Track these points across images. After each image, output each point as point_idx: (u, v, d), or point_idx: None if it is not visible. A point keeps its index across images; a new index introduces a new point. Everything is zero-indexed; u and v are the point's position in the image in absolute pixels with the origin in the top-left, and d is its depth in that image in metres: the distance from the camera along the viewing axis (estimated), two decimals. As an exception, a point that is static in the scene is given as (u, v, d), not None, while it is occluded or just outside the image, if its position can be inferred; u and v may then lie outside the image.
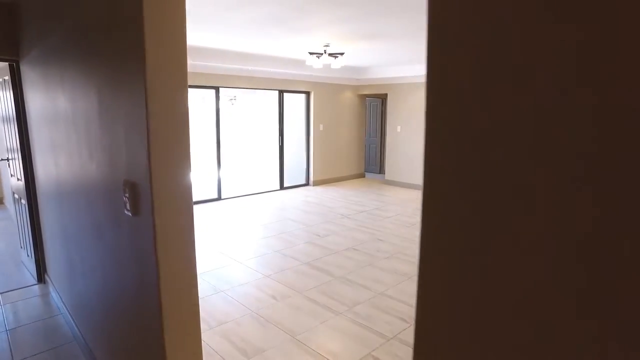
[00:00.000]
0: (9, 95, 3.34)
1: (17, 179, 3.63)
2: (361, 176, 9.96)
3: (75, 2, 1.76)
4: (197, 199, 7.04)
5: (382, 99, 10.29)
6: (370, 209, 6.70)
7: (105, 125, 1.60)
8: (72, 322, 2.75)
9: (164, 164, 1.30)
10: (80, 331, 2.60)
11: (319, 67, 6.18)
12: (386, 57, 6.69)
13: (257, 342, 2.80)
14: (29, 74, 2.98)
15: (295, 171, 8.76)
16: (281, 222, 5.83)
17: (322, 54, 5.50)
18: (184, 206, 1.37)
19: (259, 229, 5.54)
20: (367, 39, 4.97)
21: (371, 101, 10.47)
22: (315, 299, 3.45)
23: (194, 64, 6.12)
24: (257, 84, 7.49)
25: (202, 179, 9.43)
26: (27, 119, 3.25)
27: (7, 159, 3.96)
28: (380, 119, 10.44)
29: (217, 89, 7.01)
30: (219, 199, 7.26)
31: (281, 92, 8.07)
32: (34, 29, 2.59)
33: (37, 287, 3.52)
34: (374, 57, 6.64)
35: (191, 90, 7.04)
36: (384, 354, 2.68)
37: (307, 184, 8.80)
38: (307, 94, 8.54)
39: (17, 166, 3.53)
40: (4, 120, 3.80)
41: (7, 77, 3.33)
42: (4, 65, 3.30)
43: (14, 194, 3.97)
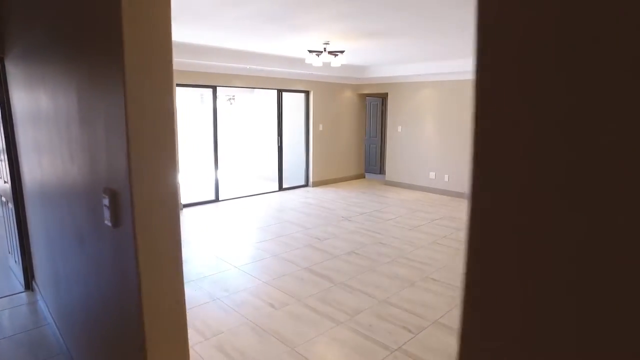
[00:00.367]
0: (-6, 93, 3.19)
1: (4, 182, 3.48)
2: (361, 177, 9.81)
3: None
4: (193, 200, 6.89)
5: (383, 98, 10.14)
6: (370, 210, 6.56)
7: (85, 126, 1.46)
8: (59, 333, 2.60)
9: (146, 170, 1.15)
10: (66, 344, 2.45)
11: (318, 66, 6.03)
12: (387, 56, 6.55)
13: (254, 354, 2.65)
14: (13, 71, 2.83)
15: (294, 172, 8.62)
16: (280, 225, 5.68)
17: (321, 52, 5.35)
18: (169, 216, 1.23)
19: (257, 232, 5.39)
20: (368, 36, 4.83)
21: (371, 101, 10.32)
22: (315, 307, 3.30)
23: (191, 62, 5.97)
24: (255, 83, 7.34)
25: (199, 180, 9.29)
26: (13, 118, 3.09)
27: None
28: (380, 119, 10.29)
29: (214, 88, 6.86)
30: (217, 200, 7.11)
31: (280, 92, 7.92)
32: (17, 24, 2.44)
33: (24, 294, 3.37)
34: (374, 55, 6.49)
35: (188, 89, 6.90)
36: (388, 367, 2.54)
37: (307, 185, 8.66)
38: (306, 93, 8.40)
39: (3, 168, 3.38)
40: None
41: (-8, 75, 3.18)
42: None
43: (0, 196, 3.82)
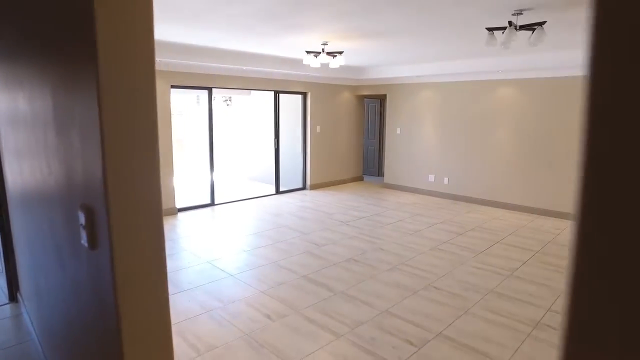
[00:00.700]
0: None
1: (-12, 187, 3.32)
2: (359, 179, 9.69)
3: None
4: (188, 204, 6.73)
5: (381, 99, 10.02)
6: (369, 214, 6.43)
7: (61, 134, 1.32)
8: (41, 350, 2.45)
9: (125, 184, 1.01)
10: (49, 363, 2.30)
11: (316, 67, 5.90)
12: (386, 57, 6.43)
13: (249, 371, 2.51)
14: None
15: (291, 175, 8.48)
16: (277, 230, 5.54)
17: (319, 53, 5.22)
18: (152, 236, 1.09)
19: (253, 237, 5.25)
20: (367, 37, 4.70)
21: (369, 102, 10.20)
22: (313, 318, 3.16)
23: (185, 63, 5.82)
24: (251, 84, 7.20)
25: (194, 183, 9.13)
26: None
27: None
28: (378, 121, 10.17)
29: (210, 90, 6.71)
30: (212, 204, 6.96)
31: (277, 93, 7.78)
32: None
33: (8, 306, 3.21)
34: (373, 56, 6.37)
35: (183, 90, 6.75)
36: (391, 385, 2.40)
37: (304, 188, 8.52)
38: (304, 94, 8.26)
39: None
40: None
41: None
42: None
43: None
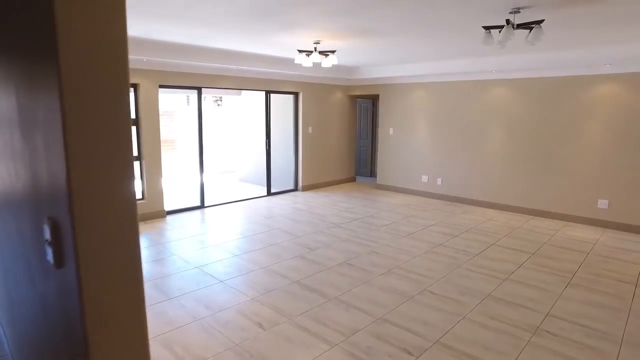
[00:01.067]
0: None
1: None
2: (352, 180, 9.59)
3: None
4: (177, 207, 6.57)
5: (373, 99, 9.94)
6: (362, 216, 6.33)
7: (26, 138, 1.19)
8: (18, 366, 2.30)
9: (93, 194, 0.89)
10: (25, 380, 2.15)
11: (308, 66, 5.79)
12: (379, 56, 6.33)
13: (240, 385, 2.39)
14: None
15: (283, 176, 8.35)
16: (268, 233, 5.41)
17: (312, 52, 5.11)
18: (125, 252, 0.97)
19: (244, 241, 5.12)
20: (360, 35, 4.60)
21: (362, 102, 10.11)
22: (307, 326, 3.05)
23: (174, 62, 5.67)
24: (242, 84, 7.06)
25: (184, 185, 8.96)
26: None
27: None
28: (371, 121, 10.08)
29: (199, 90, 6.56)
30: (202, 206, 6.80)
31: (268, 93, 7.65)
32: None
33: (-15, 317, 3.05)
34: (365, 56, 6.27)
35: (173, 91, 6.59)
36: (388, 398, 2.30)
37: (296, 190, 8.39)
38: (296, 94, 8.14)
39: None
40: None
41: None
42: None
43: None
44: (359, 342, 2.84)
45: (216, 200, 7.28)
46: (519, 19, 3.49)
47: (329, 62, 5.22)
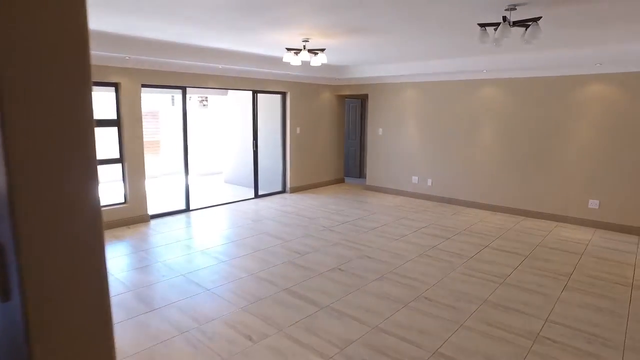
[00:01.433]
0: None
1: None
2: (341, 181, 9.45)
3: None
4: (161, 210, 6.35)
5: (362, 99, 9.83)
6: (353, 219, 6.19)
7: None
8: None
9: (45, 206, 0.73)
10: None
11: (296, 65, 5.64)
12: (368, 55, 6.20)
13: (227, 405, 2.22)
14: None
15: (270, 178, 8.17)
16: (256, 237, 5.23)
17: (300, 50, 4.95)
18: (88, 276, 0.80)
19: (231, 246, 4.93)
20: (350, 33, 4.46)
21: (350, 102, 9.99)
22: (298, 338, 2.89)
23: (157, 60, 5.46)
24: (228, 83, 6.87)
25: (168, 188, 8.70)
26: None
27: None
28: (359, 121, 9.97)
29: (184, 89, 6.34)
30: (187, 210, 6.59)
31: (255, 93, 7.47)
32: None
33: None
34: (355, 55, 6.14)
35: (159, 90, 6.36)
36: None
37: (284, 191, 8.22)
38: (283, 94, 7.97)
39: None
40: None
41: None
42: None
43: None
44: (354, 355, 2.69)
45: (202, 203, 7.07)
46: (515, 17, 3.39)
47: (318, 60, 5.07)
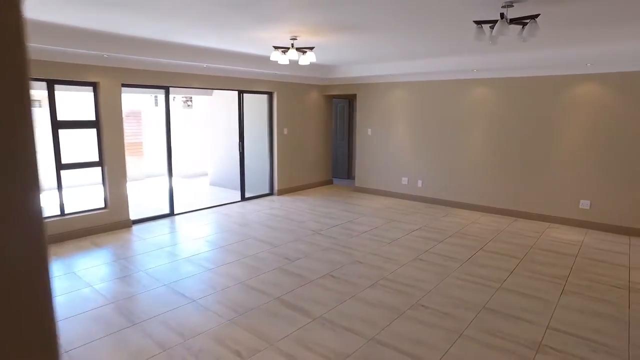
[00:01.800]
0: None
1: None
2: (329, 183, 9.30)
3: None
4: (144, 215, 6.10)
5: (350, 99, 9.70)
6: (343, 222, 6.04)
7: None
8: None
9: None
10: None
11: (284, 64, 5.46)
12: (357, 54, 6.06)
13: None
14: None
15: (257, 180, 7.97)
16: (243, 243, 5.04)
17: (288, 49, 4.78)
18: (26, 305, 0.63)
19: (217, 252, 4.73)
20: (339, 31, 4.31)
21: (337, 102, 9.85)
22: (291, 352, 2.72)
23: (138, 59, 5.22)
24: (213, 83, 6.65)
25: (152, 191, 8.43)
26: None
27: None
28: (348, 122, 9.84)
29: (166, 89, 6.11)
30: (171, 214, 6.35)
31: (241, 93, 7.26)
32: None
33: None
34: (343, 54, 5.99)
35: (142, 90, 6.11)
36: None
37: (272, 194, 8.03)
38: (270, 94, 7.78)
39: None
40: None
41: None
42: None
43: None
44: (351, 370, 2.54)
45: (187, 206, 6.84)
46: (512, 14, 3.28)
47: (306, 59, 4.91)
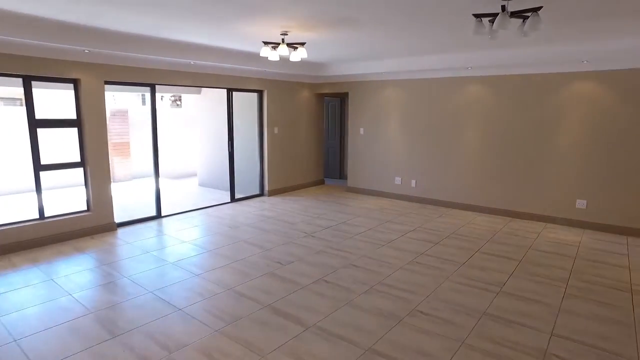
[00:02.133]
0: None
1: None
2: (321, 183, 9.13)
3: None
4: (130, 218, 5.87)
5: (342, 98, 9.54)
6: (336, 223, 5.88)
7: None
8: None
9: None
10: None
11: (274, 60, 5.28)
12: (349, 51, 5.90)
13: None
14: None
15: (248, 180, 7.77)
16: (233, 246, 4.85)
17: (279, 44, 4.59)
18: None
19: (205, 256, 4.53)
20: (332, 25, 4.14)
21: (329, 101, 9.68)
22: (284, 366, 2.55)
23: (122, 55, 5.00)
24: (201, 81, 6.44)
25: (138, 192, 8.16)
26: None
27: None
28: (339, 120, 9.68)
29: (152, 87, 5.88)
30: (158, 216, 6.12)
31: (230, 91, 7.05)
32: None
33: None
34: (335, 51, 5.82)
35: (125, 88, 5.85)
36: None
37: (262, 194, 7.84)
38: (260, 92, 7.59)
39: None
40: None
41: None
42: None
43: None
44: (348, 385, 2.38)
45: (175, 208, 6.62)
46: (512, 7, 3.14)
47: (297, 55, 4.73)
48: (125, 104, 10.13)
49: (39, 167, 4.74)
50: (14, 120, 7.97)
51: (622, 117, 5.27)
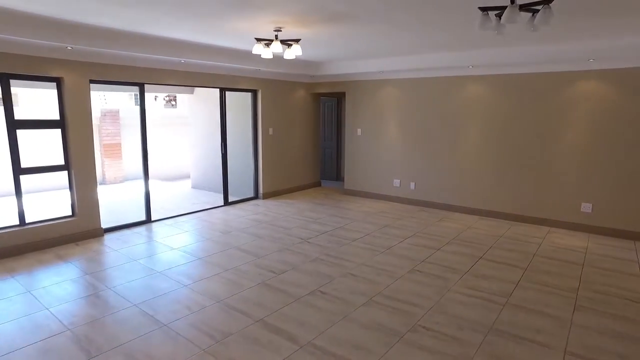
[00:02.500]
0: None
1: None
2: (317, 185, 8.91)
3: None
4: (118, 223, 5.62)
5: (338, 98, 9.32)
6: (332, 228, 5.65)
7: None
8: None
9: None
10: None
11: (268, 58, 5.06)
12: (346, 49, 5.68)
13: None
14: None
15: (241, 182, 7.54)
16: (224, 254, 4.62)
17: (272, 41, 4.36)
18: None
19: (195, 265, 4.30)
20: (328, 21, 3.92)
21: (325, 101, 9.46)
22: (275, 391, 2.32)
23: (109, 52, 4.76)
24: (193, 80, 6.20)
25: (128, 195, 7.90)
26: None
27: None
28: (336, 121, 9.45)
29: (141, 86, 5.64)
30: (148, 221, 5.88)
31: (223, 90, 6.81)
32: None
33: None
34: (331, 49, 5.60)
35: (110, 87, 5.59)
36: None
37: (256, 197, 7.60)
38: (254, 92, 7.35)
39: None
40: None
41: None
42: None
43: None
44: (346, 414, 2.15)
45: (165, 212, 6.37)
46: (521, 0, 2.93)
47: (292, 53, 4.51)
48: (116, 104, 9.87)
49: (18, 170, 4.49)
50: None
51: (629, 117, 5.07)
